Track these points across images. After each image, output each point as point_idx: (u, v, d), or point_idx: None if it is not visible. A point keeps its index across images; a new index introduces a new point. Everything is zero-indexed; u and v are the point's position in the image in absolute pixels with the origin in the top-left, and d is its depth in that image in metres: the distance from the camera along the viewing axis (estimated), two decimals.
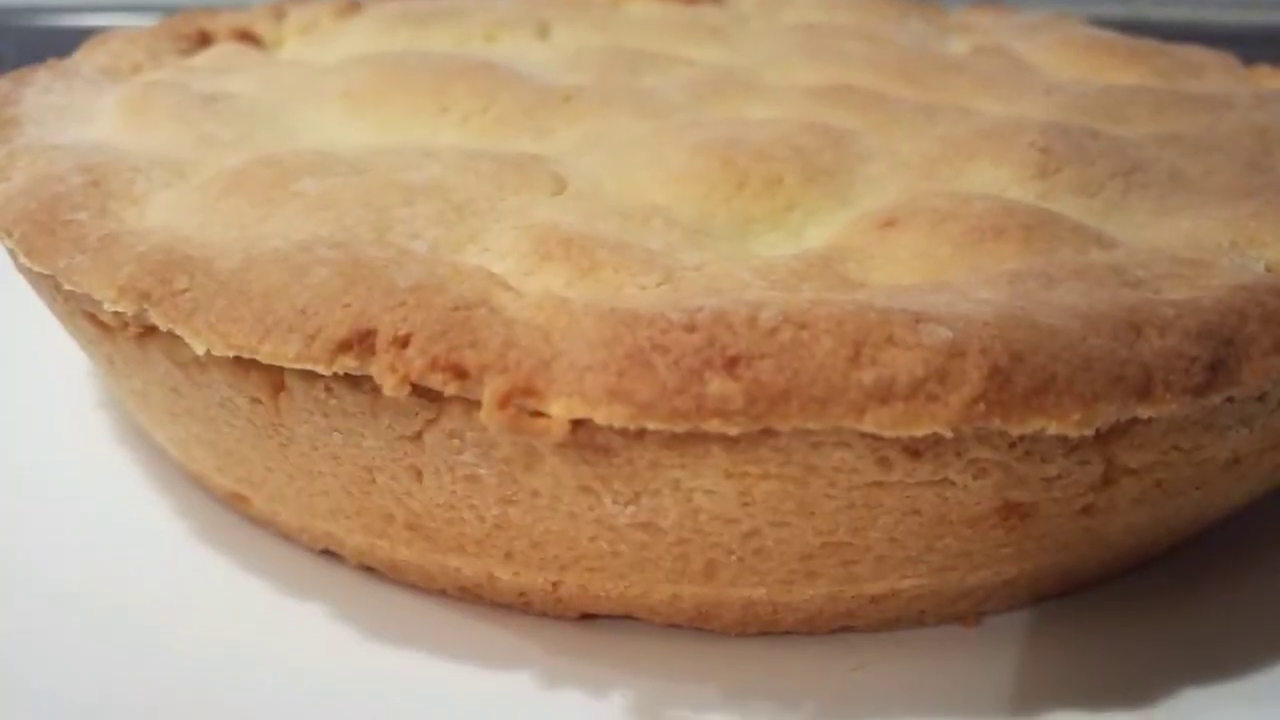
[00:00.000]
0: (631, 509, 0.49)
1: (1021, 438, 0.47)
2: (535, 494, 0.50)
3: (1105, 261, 0.53)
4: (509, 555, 0.54)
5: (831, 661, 0.55)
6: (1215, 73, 0.87)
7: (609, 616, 0.57)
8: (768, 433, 0.46)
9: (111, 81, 0.76)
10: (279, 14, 0.92)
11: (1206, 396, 0.47)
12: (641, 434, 0.46)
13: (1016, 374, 0.45)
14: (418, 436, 0.50)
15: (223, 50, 0.83)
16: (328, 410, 0.51)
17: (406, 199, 0.56)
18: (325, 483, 0.55)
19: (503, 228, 0.55)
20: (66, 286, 0.53)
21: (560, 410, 0.45)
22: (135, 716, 0.51)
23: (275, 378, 0.51)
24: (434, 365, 0.46)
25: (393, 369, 0.46)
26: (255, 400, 0.52)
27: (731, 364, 0.44)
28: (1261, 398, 0.50)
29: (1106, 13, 1.10)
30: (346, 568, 0.60)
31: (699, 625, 0.56)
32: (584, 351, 0.45)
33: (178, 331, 0.50)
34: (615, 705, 0.53)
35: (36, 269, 0.55)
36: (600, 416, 0.44)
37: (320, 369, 0.48)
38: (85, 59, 0.80)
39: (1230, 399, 0.49)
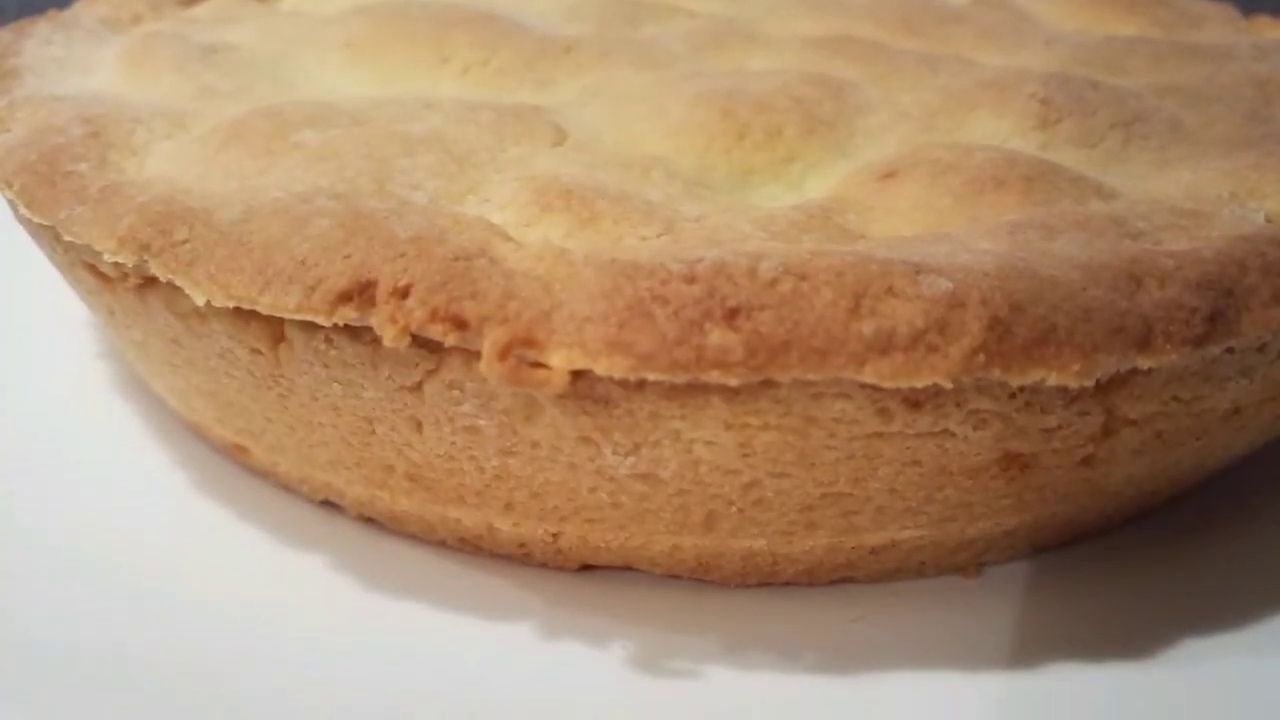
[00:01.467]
0: (631, 460, 0.50)
1: (1021, 389, 0.47)
2: (535, 445, 0.50)
3: (1105, 212, 0.53)
4: (509, 506, 0.54)
5: (832, 612, 0.56)
6: (1215, 24, 0.87)
7: (609, 567, 0.57)
8: (768, 384, 0.46)
9: (112, 32, 0.76)
10: None
11: (1206, 347, 0.47)
12: (641, 385, 0.46)
13: (1016, 325, 0.45)
14: (417, 387, 0.50)
15: (223, 1, 0.83)
16: (328, 361, 0.51)
17: (407, 150, 0.56)
18: (325, 434, 0.55)
19: (503, 179, 0.55)
20: (66, 237, 0.53)
21: (560, 361, 0.45)
22: (134, 667, 0.51)
23: (275, 329, 0.51)
24: (434, 316, 0.46)
25: (393, 320, 0.46)
26: (255, 351, 0.52)
27: (731, 315, 0.44)
28: (1261, 348, 0.50)
29: None
30: (346, 519, 0.60)
31: (699, 576, 0.57)
32: (584, 302, 0.45)
33: (178, 282, 0.50)
34: (615, 656, 0.53)
35: (36, 220, 0.55)
36: (600, 367, 0.44)
37: (320, 320, 0.47)
38: (85, 10, 0.80)
39: (1230, 350, 0.49)
